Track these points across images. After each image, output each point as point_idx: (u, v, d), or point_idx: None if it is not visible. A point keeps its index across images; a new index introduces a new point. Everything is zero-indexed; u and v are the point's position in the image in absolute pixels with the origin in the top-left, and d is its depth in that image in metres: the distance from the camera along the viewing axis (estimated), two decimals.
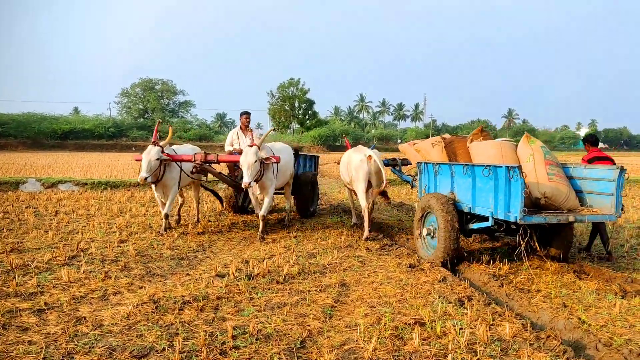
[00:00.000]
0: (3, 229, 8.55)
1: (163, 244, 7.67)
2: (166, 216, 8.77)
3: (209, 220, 10.01)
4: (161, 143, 8.42)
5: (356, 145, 9.47)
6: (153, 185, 8.76)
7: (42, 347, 3.84)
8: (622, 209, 5.98)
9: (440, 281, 5.85)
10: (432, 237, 6.93)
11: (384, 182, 8.15)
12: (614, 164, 6.72)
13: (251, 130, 9.01)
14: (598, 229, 7.44)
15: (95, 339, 4.03)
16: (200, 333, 4.17)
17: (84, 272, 5.96)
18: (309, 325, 4.43)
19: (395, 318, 4.62)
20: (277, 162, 8.25)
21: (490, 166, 6.04)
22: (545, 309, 5.01)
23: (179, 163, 8.77)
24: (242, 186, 7.66)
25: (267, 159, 7.97)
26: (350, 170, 8.69)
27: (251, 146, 7.93)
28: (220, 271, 6.14)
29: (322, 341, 4.12)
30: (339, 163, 9.85)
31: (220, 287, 5.47)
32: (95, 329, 4.23)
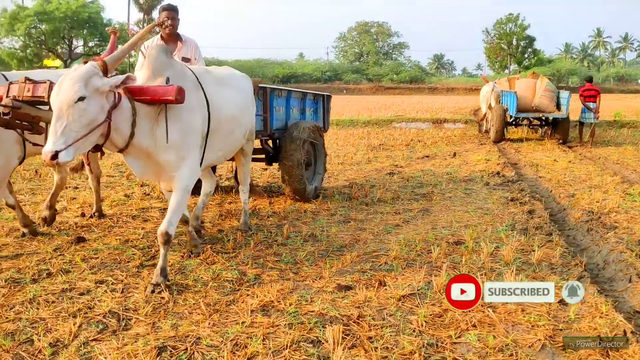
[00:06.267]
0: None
1: None
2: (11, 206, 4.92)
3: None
4: None
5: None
6: None
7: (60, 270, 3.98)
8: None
9: (526, 213, 5.84)
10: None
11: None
12: (598, 92, 12.92)
13: (181, 42, 5.24)
14: (582, 128, 13.35)
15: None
16: (264, 232, 5.12)
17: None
18: (358, 237, 5.01)
19: (443, 237, 4.91)
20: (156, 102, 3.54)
21: (509, 91, 13.55)
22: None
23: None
24: (43, 159, 3.16)
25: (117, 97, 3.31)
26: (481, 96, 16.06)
27: (85, 62, 3.36)
28: (325, 193, 6.97)
29: (359, 247, 4.69)
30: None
31: (316, 205, 6.33)
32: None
